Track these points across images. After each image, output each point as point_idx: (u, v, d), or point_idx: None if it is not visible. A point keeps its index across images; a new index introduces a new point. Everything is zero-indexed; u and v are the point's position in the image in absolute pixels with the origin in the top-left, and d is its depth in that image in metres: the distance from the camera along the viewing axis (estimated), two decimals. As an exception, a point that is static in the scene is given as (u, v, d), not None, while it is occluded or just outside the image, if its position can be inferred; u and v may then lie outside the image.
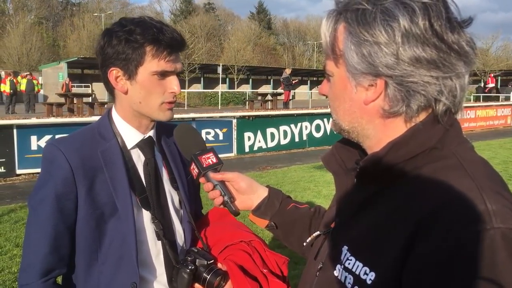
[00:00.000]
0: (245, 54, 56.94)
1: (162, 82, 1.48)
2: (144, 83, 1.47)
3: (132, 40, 1.42)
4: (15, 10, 58.44)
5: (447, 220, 0.79)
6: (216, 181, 1.36)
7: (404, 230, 0.84)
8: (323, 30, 0.97)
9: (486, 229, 0.77)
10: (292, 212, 1.37)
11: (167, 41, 1.44)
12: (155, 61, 1.44)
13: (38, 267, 1.44)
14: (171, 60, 1.46)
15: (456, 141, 0.93)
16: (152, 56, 1.44)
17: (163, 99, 1.49)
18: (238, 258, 1.49)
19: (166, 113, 1.53)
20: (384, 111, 0.92)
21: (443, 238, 0.78)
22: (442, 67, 0.86)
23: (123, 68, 1.47)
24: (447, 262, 0.77)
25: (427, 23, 0.85)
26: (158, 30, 1.43)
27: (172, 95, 1.50)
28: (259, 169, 10.73)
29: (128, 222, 1.48)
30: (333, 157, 1.12)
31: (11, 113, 22.95)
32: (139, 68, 1.45)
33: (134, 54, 1.44)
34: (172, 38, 1.45)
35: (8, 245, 5.36)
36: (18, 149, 9.31)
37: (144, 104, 1.50)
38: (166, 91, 1.49)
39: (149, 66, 1.45)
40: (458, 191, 0.82)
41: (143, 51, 1.43)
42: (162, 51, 1.44)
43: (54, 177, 1.44)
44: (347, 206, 1.03)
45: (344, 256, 0.96)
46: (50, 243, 1.44)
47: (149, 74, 1.46)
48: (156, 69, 1.45)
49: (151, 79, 1.46)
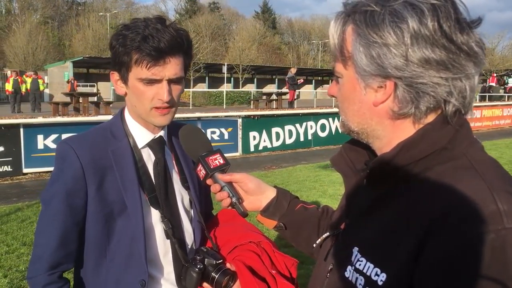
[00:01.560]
0: (250, 54, 56.87)
1: (151, 88, 1.47)
2: (133, 89, 1.49)
3: (124, 45, 1.44)
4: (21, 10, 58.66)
5: (458, 220, 0.79)
6: (224, 182, 1.35)
7: (415, 231, 0.84)
8: (331, 32, 0.97)
9: (497, 229, 0.77)
10: (300, 213, 1.37)
11: (148, 50, 1.40)
12: (138, 69, 1.44)
13: (46, 260, 1.47)
14: (153, 68, 1.43)
15: (466, 141, 0.93)
16: (135, 63, 1.44)
17: (152, 104, 1.49)
18: (247, 258, 1.49)
19: (158, 118, 1.52)
20: (393, 113, 0.93)
21: (454, 238, 0.79)
22: (451, 68, 0.86)
23: (119, 72, 1.50)
24: (458, 262, 0.78)
25: (436, 24, 0.85)
26: (142, 38, 1.41)
27: (160, 102, 1.48)
28: (264, 168, 10.73)
29: (137, 220, 1.49)
30: (342, 158, 1.12)
31: (17, 112, 23.04)
32: (129, 74, 1.47)
33: (124, 59, 1.45)
34: (154, 47, 1.40)
35: (15, 243, 5.40)
36: (24, 148, 9.36)
37: (138, 108, 1.52)
38: (154, 98, 1.48)
39: (135, 72, 1.45)
40: (469, 191, 0.82)
41: (130, 57, 1.44)
42: (142, 59, 1.42)
43: (65, 174, 1.48)
44: (357, 207, 1.03)
45: (354, 257, 0.96)
46: (58, 238, 1.47)
47: (136, 80, 1.46)
48: (140, 76, 1.45)
49: (138, 85, 1.47)
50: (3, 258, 4.96)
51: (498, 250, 0.76)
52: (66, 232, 1.48)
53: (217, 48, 61.53)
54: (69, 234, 1.49)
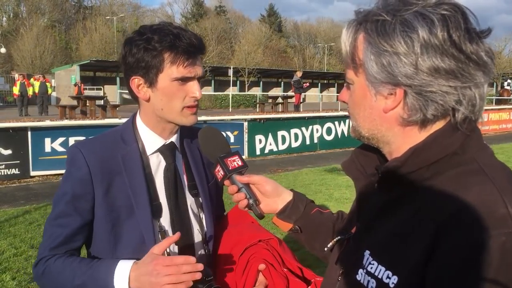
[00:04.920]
0: (256, 57, 57.04)
1: (183, 88, 1.49)
2: (165, 90, 1.49)
3: (151, 48, 1.44)
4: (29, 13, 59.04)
5: (468, 223, 0.81)
6: (241, 184, 1.36)
7: (425, 234, 0.86)
8: (343, 39, 1.00)
9: (508, 232, 0.79)
10: (316, 217, 1.39)
11: (184, 47, 1.44)
12: (174, 68, 1.46)
13: (47, 258, 1.48)
14: (189, 66, 1.47)
15: (477, 147, 0.95)
16: (170, 62, 1.45)
17: (184, 103, 1.51)
18: (264, 255, 1.50)
19: (189, 117, 1.54)
20: (403, 119, 0.95)
21: (464, 242, 0.80)
22: (460, 77, 0.88)
23: (143, 76, 1.49)
24: (468, 265, 0.79)
25: (445, 34, 0.87)
26: (175, 36, 1.44)
27: (193, 99, 1.51)
28: (270, 171, 10.73)
29: (147, 227, 1.50)
30: (353, 163, 1.14)
31: (24, 115, 23.18)
32: (159, 75, 1.47)
33: (153, 61, 1.45)
34: (189, 43, 1.45)
35: (23, 246, 5.43)
36: (32, 151, 9.44)
37: (166, 111, 1.52)
38: (187, 96, 1.50)
39: (169, 72, 1.46)
40: (479, 195, 0.84)
41: (161, 58, 1.45)
42: (179, 57, 1.45)
43: (73, 177, 1.50)
44: (368, 211, 1.04)
45: (366, 261, 0.98)
46: (61, 239, 1.48)
47: (169, 80, 1.47)
48: (176, 75, 1.46)
49: (171, 85, 1.48)
50: (11, 261, 5.00)
51: (509, 253, 0.78)
52: (70, 234, 1.49)
53: (223, 52, 61.64)
54: (73, 236, 1.50)
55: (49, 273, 1.47)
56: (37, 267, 1.50)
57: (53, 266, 1.46)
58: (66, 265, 1.45)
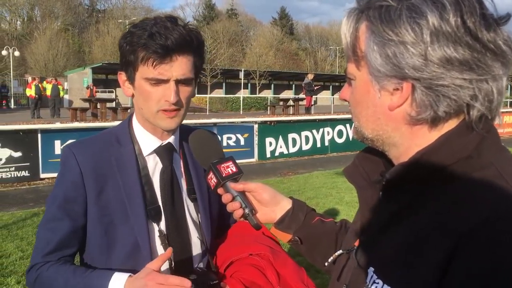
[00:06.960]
0: (267, 59, 57.02)
1: (157, 89, 1.40)
2: (140, 89, 1.42)
3: (130, 43, 1.38)
4: (42, 17, 59.82)
5: (490, 234, 0.71)
6: (236, 192, 1.24)
7: (440, 247, 0.75)
8: (343, 30, 0.89)
9: None
10: (317, 227, 1.27)
11: (154, 48, 1.33)
12: (145, 67, 1.37)
13: (39, 265, 1.43)
14: (161, 67, 1.36)
15: (494, 149, 0.84)
16: (141, 62, 1.37)
17: (159, 106, 1.41)
18: (247, 274, 1.39)
19: (165, 121, 1.44)
20: (411, 118, 0.84)
21: (487, 253, 0.70)
22: (476, 68, 0.77)
23: (126, 72, 1.44)
24: (491, 277, 0.69)
25: (459, 20, 0.76)
26: (149, 35, 1.34)
27: (167, 103, 1.40)
28: (281, 174, 10.65)
29: (141, 232, 1.43)
30: (356, 169, 1.03)
31: (36, 117, 23.42)
32: (135, 73, 1.41)
33: (130, 57, 1.39)
34: (161, 44, 1.33)
35: (30, 249, 5.40)
36: (42, 153, 9.48)
37: (145, 111, 1.45)
38: (162, 99, 1.40)
39: (141, 71, 1.39)
40: (499, 203, 0.74)
41: (136, 55, 1.37)
42: (149, 57, 1.35)
43: (65, 179, 1.46)
44: (373, 223, 0.94)
45: (370, 279, 0.87)
46: (53, 245, 1.43)
47: (142, 80, 1.40)
48: (147, 75, 1.38)
49: (145, 85, 1.40)
50: (17, 264, 4.97)
51: None
52: (62, 238, 1.42)
53: (234, 54, 61.85)
54: (66, 242, 1.43)
55: (41, 282, 1.41)
56: (30, 274, 1.44)
57: (46, 274, 1.41)
58: (59, 274, 1.39)
